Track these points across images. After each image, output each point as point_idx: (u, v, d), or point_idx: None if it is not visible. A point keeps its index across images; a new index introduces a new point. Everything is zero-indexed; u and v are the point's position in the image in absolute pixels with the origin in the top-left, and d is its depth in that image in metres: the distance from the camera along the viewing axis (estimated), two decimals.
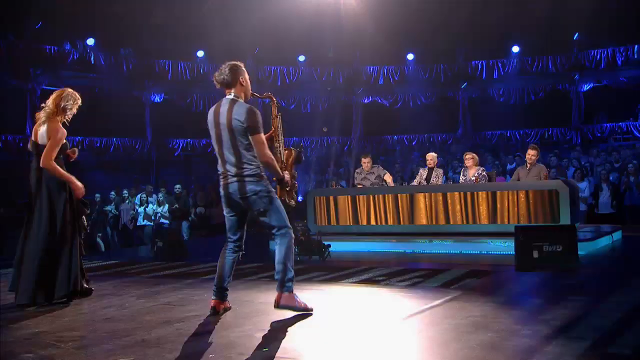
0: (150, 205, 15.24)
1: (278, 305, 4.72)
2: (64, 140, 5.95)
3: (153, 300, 5.64)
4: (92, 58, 19.63)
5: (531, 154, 10.59)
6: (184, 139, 21.88)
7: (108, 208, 15.68)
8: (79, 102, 6.17)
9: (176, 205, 15.04)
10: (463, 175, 11.05)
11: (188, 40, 20.58)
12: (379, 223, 10.99)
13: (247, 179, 4.68)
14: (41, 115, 5.98)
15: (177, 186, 15.33)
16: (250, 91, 4.97)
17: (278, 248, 4.80)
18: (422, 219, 10.72)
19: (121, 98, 20.22)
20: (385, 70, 22.94)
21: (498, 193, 10.14)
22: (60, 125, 5.94)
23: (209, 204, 15.76)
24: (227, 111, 4.72)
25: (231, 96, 4.81)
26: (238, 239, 4.97)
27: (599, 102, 22.10)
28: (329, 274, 6.65)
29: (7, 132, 18.28)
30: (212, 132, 4.86)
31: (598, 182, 13.77)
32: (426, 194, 10.70)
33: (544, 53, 21.63)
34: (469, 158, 11.04)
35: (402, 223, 10.82)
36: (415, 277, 6.13)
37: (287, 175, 4.94)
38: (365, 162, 11.75)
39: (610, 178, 13.64)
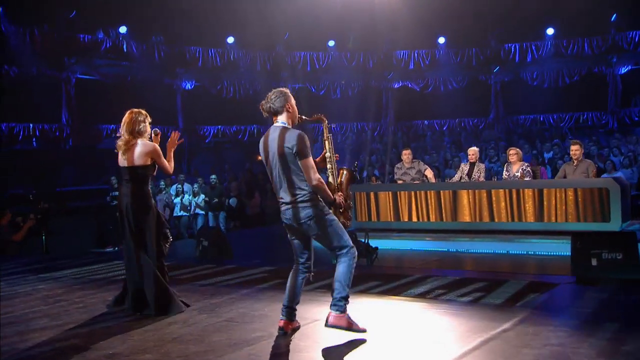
0: (186, 196, 15.30)
1: (327, 324, 4.73)
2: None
3: (215, 316, 5.65)
4: (124, 46, 19.61)
5: (574, 149, 10.38)
6: (214, 126, 21.87)
7: None
8: (149, 117, 6.15)
9: (216, 200, 15.03)
10: (507, 170, 10.90)
11: (218, 26, 20.47)
12: (420, 220, 10.92)
13: (300, 204, 4.69)
14: (120, 144, 5.99)
15: (213, 177, 15.33)
16: (298, 115, 4.90)
17: (338, 266, 4.79)
18: (465, 216, 10.64)
19: (153, 86, 20.21)
20: (415, 55, 22.66)
21: (545, 190, 10.02)
22: (150, 142, 6.05)
23: (242, 194, 15.78)
24: (276, 139, 4.71)
25: (279, 124, 4.79)
26: (306, 259, 4.95)
27: (636, 85, 21.63)
28: (383, 285, 6.60)
29: (43, 122, 18.38)
30: (264, 161, 4.88)
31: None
32: (469, 190, 10.61)
33: (580, 35, 21.16)
34: (513, 154, 10.87)
35: (444, 220, 10.76)
36: (475, 291, 6.06)
37: (339, 197, 4.87)
38: (406, 154, 11.64)
39: None
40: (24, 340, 5.13)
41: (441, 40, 22.44)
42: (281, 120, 4.79)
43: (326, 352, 4.48)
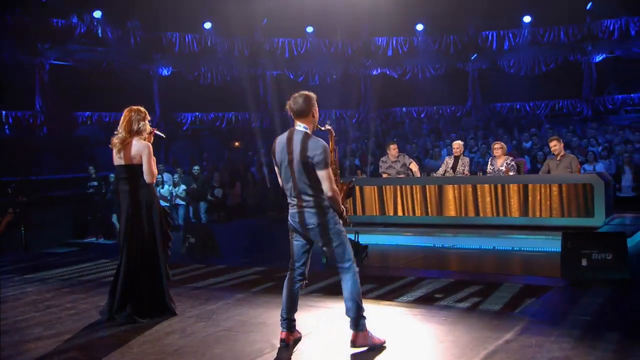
0: (166, 186, 15.14)
1: (355, 345, 4.69)
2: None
3: (214, 324, 5.60)
4: (99, 31, 19.21)
5: (553, 145, 10.50)
6: (192, 113, 21.61)
7: None
8: (147, 115, 6.05)
9: (194, 186, 14.92)
10: (491, 164, 10.97)
11: (195, 11, 20.16)
12: (406, 214, 10.96)
13: (312, 210, 4.68)
14: (115, 141, 5.92)
15: (196, 167, 15.20)
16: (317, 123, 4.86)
17: (345, 284, 4.76)
18: (450, 210, 10.70)
19: (129, 72, 19.87)
20: (394, 42, 22.63)
21: (530, 186, 10.10)
22: (144, 142, 5.96)
23: (224, 184, 15.67)
24: (299, 143, 4.64)
25: (301, 128, 4.72)
26: (301, 265, 4.91)
27: (610, 74, 21.90)
28: (378, 289, 6.61)
29: (16, 109, 17.98)
30: (279, 162, 4.80)
31: (620, 163, 13.70)
32: (455, 185, 10.65)
33: (556, 23, 21.31)
34: (498, 148, 10.94)
35: (430, 214, 10.81)
36: (472, 295, 6.11)
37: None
38: (393, 149, 11.64)
39: (634, 160, 13.56)
40: (20, 353, 5.03)
41: (419, 27, 22.42)
42: (303, 124, 4.73)
43: None
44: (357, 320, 4.70)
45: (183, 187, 15.03)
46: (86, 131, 20.03)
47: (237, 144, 22.56)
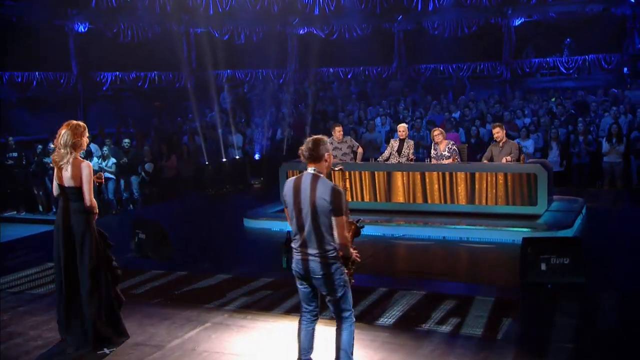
0: (95, 159, 14.47)
1: None
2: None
3: None
4: None
5: (496, 132, 10.78)
6: (111, 73, 20.55)
7: (48, 160, 14.70)
8: (86, 131, 5.75)
9: (125, 160, 14.33)
10: (434, 149, 11.14)
11: None
12: (354, 199, 11.00)
13: (327, 260, 4.60)
14: (55, 159, 5.68)
15: (126, 140, 14.54)
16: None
17: (339, 333, 4.73)
18: (399, 197, 10.85)
19: (43, 28, 18.56)
20: (320, 0, 22.20)
21: (477, 174, 10.37)
22: (84, 161, 5.73)
23: (157, 157, 15.15)
24: (315, 189, 4.54)
25: (314, 171, 4.61)
26: (314, 308, 4.86)
27: (528, 37, 22.53)
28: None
29: None
30: (291, 207, 4.68)
31: (547, 139, 14.22)
32: (404, 172, 10.78)
33: None
34: (438, 134, 11.10)
35: (378, 200, 10.92)
36: (450, 315, 6.24)
37: (355, 254, 4.83)
38: (338, 131, 11.61)
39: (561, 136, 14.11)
40: None
41: None
42: (317, 168, 4.62)
43: None
44: None
45: (113, 160, 14.39)
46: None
47: (157, 103, 21.75)
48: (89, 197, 5.64)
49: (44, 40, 18.21)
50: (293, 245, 4.75)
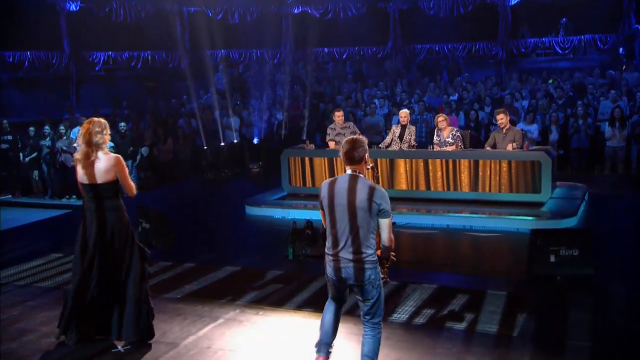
0: None
1: None
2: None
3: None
4: None
5: (500, 118, 10.70)
6: (104, 52, 20.27)
7: (43, 142, 14.52)
8: (108, 128, 5.64)
9: (131, 149, 14.14)
10: (437, 135, 11.08)
11: None
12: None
13: (366, 265, 4.49)
14: (78, 157, 5.55)
15: (122, 124, 14.35)
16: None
17: (367, 340, 4.65)
18: (402, 184, 10.83)
19: (34, 6, 18.22)
20: None
21: (480, 161, 10.34)
22: (114, 154, 5.63)
23: (154, 141, 14.99)
24: (350, 190, 4.43)
25: (355, 173, 4.52)
26: (342, 302, 4.84)
27: (524, 17, 22.39)
28: None
29: None
30: (328, 211, 4.55)
31: (546, 122, 14.21)
32: (407, 159, 10.74)
33: None
34: (442, 120, 11.06)
35: None
36: (464, 310, 6.24)
37: (392, 254, 4.79)
38: (338, 116, 11.54)
39: (560, 119, 14.08)
40: None
41: None
42: (358, 170, 4.53)
43: None
44: None
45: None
46: None
47: (150, 83, 21.51)
48: (131, 184, 5.62)
49: (35, 19, 17.94)
50: (328, 251, 4.61)
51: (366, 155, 4.56)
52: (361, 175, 4.52)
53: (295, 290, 7.00)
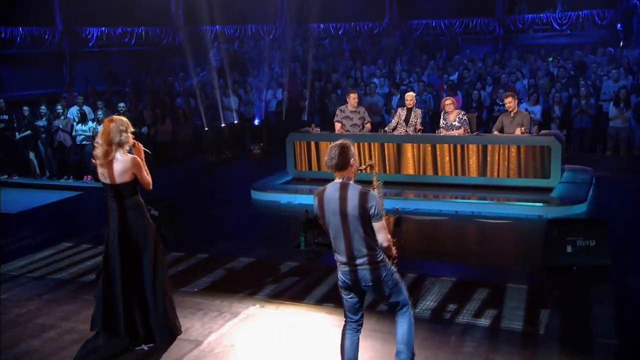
0: (89, 123, 14.07)
1: None
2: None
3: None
4: None
5: (508, 101, 10.62)
6: (97, 28, 19.89)
7: (39, 123, 14.28)
8: (130, 127, 5.50)
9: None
10: (443, 119, 11.01)
11: None
12: (363, 171, 10.85)
13: (375, 265, 4.52)
14: (98, 154, 5.41)
15: (121, 104, 14.13)
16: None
17: (400, 328, 4.71)
18: (409, 169, 10.77)
19: None
20: None
21: (489, 146, 10.29)
22: (131, 155, 5.49)
23: (154, 121, 14.77)
24: (341, 199, 4.41)
25: (343, 180, 4.47)
26: (359, 318, 4.79)
27: None
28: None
29: None
30: (324, 221, 4.56)
31: (550, 103, 14.10)
32: (414, 144, 10.66)
33: None
34: (449, 103, 10.98)
35: (388, 172, 10.81)
36: (485, 306, 6.21)
37: (395, 250, 4.76)
38: (352, 98, 11.36)
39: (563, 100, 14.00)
40: None
41: None
42: (346, 175, 4.47)
43: None
44: None
45: None
46: None
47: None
48: (148, 180, 5.53)
49: None
50: (337, 259, 4.61)
51: (352, 160, 4.49)
52: (350, 182, 4.47)
53: (313, 283, 6.96)
